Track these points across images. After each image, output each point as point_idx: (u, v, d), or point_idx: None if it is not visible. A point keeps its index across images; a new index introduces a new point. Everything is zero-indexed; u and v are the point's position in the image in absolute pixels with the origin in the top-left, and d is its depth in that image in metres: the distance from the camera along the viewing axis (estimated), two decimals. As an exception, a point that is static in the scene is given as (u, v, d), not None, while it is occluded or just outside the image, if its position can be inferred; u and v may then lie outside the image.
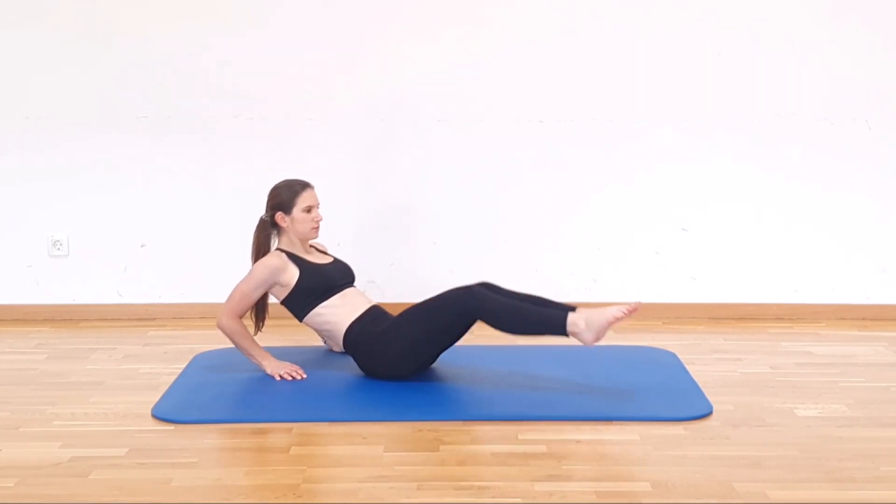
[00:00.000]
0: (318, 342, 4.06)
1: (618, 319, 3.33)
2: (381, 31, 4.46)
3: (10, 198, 4.56)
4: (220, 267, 4.54)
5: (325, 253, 3.91)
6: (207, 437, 3.09)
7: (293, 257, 3.70)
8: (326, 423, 3.21)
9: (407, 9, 4.45)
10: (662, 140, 4.52)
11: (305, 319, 3.70)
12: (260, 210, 3.80)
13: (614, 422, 3.20)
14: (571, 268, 4.59)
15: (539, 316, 3.44)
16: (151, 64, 4.46)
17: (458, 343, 3.80)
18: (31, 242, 4.58)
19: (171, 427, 3.19)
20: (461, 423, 3.20)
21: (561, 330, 3.38)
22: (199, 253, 4.59)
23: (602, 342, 4.14)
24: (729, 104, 4.49)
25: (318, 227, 3.76)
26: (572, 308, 3.44)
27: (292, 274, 3.65)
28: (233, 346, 3.81)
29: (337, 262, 3.84)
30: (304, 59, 4.47)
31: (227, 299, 3.64)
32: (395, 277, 4.57)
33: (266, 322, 3.81)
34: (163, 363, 3.88)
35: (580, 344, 3.39)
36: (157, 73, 4.47)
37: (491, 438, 3.06)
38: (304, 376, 3.61)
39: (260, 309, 3.77)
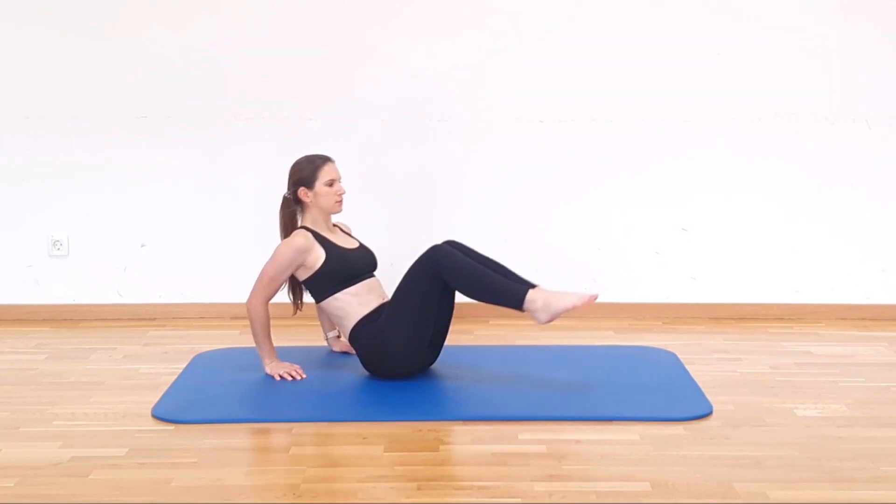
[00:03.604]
0: (319, 342, 4.05)
1: (575, 307, 3.34)
2: (381, 31, 4.46)
3: (10, 198, 4.55)
4: (220, 267, 4.55)
5: (349, 235, 3.87)
6: (207, 437, 3.09)
7: (319, 238, 3.65)
8: (326, 423, 3.20)
9: (407, 9, 4.45)
10: (662, 140, 4.52)
11: (323, 303, 3.66)
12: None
13: (614, 422, 3.19)
14: (571, 268, 4.58)
15: (499, 285, 3.42)
16: (151, 64, 4.45)
17: (458, 343, 3.81)
18: (31, 242, 4.58)
19: (171, 427, 3.19)
20: (461, 423, 3.20)
21: (517, 304, 3.37)
22: (199, 253, 4.58)
23: (601, 342, 4.19)
24: (729, 104, 4.49)
25: (341, 201, 3.71)
26: (533, 285, 3.42)
27: (318, 256, 3.61)
28: (232, 346, 3.81)
29: (362, 247, 3.79)
30: (304, 60, 4.46)
31: (257, 281, 3.60)
32: (395, 277, 4.55)
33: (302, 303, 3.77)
34: (163, 363, 3.88)
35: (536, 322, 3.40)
36: (157, 73, 4.46)
37: (491, 438, 3.06)
38: (304, 376, 3.60)
39: (296, 287, 3.73)
